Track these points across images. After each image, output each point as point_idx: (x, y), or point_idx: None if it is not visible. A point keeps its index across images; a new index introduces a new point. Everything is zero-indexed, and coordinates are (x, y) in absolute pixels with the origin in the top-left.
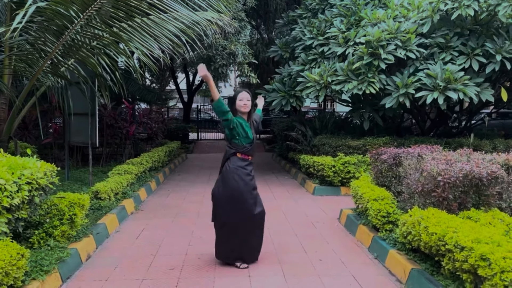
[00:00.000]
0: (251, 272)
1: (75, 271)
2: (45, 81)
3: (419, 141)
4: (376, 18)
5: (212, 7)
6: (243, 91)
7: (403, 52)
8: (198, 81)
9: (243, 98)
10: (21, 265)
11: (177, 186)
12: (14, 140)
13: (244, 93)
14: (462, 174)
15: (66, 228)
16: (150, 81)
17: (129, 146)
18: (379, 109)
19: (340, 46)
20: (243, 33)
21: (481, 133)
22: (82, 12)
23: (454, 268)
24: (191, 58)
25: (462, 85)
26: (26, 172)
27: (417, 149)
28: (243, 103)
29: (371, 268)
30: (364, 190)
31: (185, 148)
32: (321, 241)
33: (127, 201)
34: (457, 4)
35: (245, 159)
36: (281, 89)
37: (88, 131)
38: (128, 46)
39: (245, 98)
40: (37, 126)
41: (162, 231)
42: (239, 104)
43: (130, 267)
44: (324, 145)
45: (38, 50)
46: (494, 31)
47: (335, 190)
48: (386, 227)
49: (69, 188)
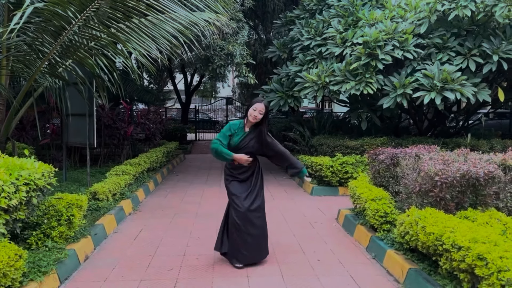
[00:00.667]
0: (249, 273)
1: (73, 272)
2: (43, 82)
3: (417, 141)
4: (374, 18)
5: (210, 8)
6: (261, 103)
7: (400, 53)
8: (196, 81)
9: (257, 108)
10: (19, 266)
11: (175, 187)
12: (11, 141)
13: (261, 104)
14: (459, 174)
15: (64, 229)
16: (148, 81)
17: (127, 146)
18: (377, 109)
19: (338, 47)
20: (241, 33)
21: (478, 133)
22: (79, 13)
23: (452, 268)
24: (189, 58)
25: (459, 85)
26: (24, 173)
27: (414, 149)
28: (254, 114)
29: (369, 268)
30: (362, 190)
31: (183, 148)
32: (319, 241)
33: (125, 202)
34: (454, 5)
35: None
36: (279, 89)
37: (86, 131)
38: (126, 46)
39: (259, 110)
40: (35, 127)
41: (160, 232)
42: (250, 112)
43: (128, 268)
44: (322, 145)
45: (35, 51)
46: (491, 32)
47: (333, 190)
48: (384, 227)
49: (67, 189)
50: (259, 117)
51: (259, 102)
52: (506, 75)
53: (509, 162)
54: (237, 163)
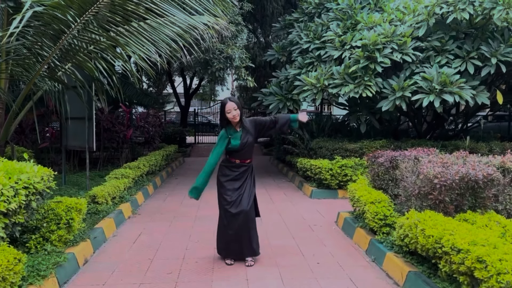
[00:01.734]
0: (248, 276)
1: (72, 276)
2: (42, 86)
3: (416, 144)
4: (372, 21)
5: (209, 12)
6: (228, 102)
7: (399, 56)
8: (195, 84)
9: (230, 109)
10: (18, 270)
11: (174, 190)
12: (11, 144)
13: (229, 103)
14: (458, 177)
15: (63, 232)
16: (147, 85)
17: (126, 150)
18: (376, 112)
19: (337, 50)
20: (240, 37)
21: (477, 136)
22: (79, 16)
23: (451, 271)
24: (188, 62)
25: (458, 88)
26: (23, 176)
27: (413, 152)
28: (231, 115)
29: (368, 271)
30: (361, 193)
31: (182, 151)
32: (319, 244)
33: (124, 205)
34: (452, 8)
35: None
36: (278, 92)
37: (85, 135)
38: (125, 50)
39: (232, 109)
40: (34, 131)
41: (159, 235)
42: (229, 117)
43: (127, 272)
44: (321, 148)
45: (35, 55)
46: (489, 35)
47: (332, 193)
48: (383, 230)
49: (66, 192)
50: (237, 113)
51: (225, 103)
52: (504, 78)
53: (508, 164)
54: (239, 162)
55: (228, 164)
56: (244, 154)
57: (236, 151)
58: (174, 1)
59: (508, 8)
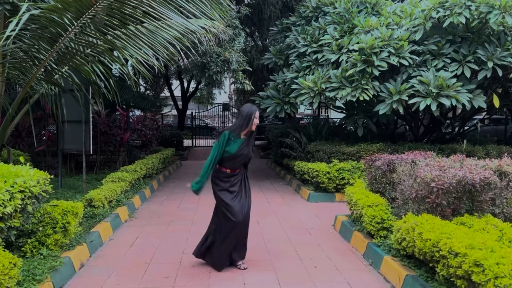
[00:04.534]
0: (245, 279)
1: (68, 280)
2: (39, 89)
3: (413, 147)
4: (369, 25)
5: (206, 15)
6: (256, 109)
7: (396, 59)
8: (192, 88)
9: (257, 116)
10: (13, 275)
11: (172, 194)
12: (7, 148)
13: (257, 111)
14: (455, 180)
15: (59, 236)
16: (144, 88)
17: (123, 153)
18: (373, 115)
19: (334, 53)
20: (238, 40)
21: (474, 139)
22: (76, 19)
23: (449, 274)
24: (185, 65)
25: (454, 92)
26: (19, 180)
27: (410, 155)
28: (257, 121)
29: (366, 274)
30: (359, 196)
31: (180, 155)
32: (316, 247)
33: (121, 209)
34: (448, 12)
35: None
36: (275, 96)
37: (82, 138)
38: (122, 53)
39: (258, 116)
40: (31, 134)
41: (156, 239)
42: (254, 122)
43: (124, 276)
44: (318, 151)
45: (31, 58)
46: (485, 38)
47: (329, 196)
48: (381, 233)
49: (62, 196)
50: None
51: (255, 110)
52: (500, 82)
53: (504, 168)
54: (229, 171)
55: (219, 175)
56: (236, 163)
57: (230, 159)
58: (172, 5)
59: (504, 12)
